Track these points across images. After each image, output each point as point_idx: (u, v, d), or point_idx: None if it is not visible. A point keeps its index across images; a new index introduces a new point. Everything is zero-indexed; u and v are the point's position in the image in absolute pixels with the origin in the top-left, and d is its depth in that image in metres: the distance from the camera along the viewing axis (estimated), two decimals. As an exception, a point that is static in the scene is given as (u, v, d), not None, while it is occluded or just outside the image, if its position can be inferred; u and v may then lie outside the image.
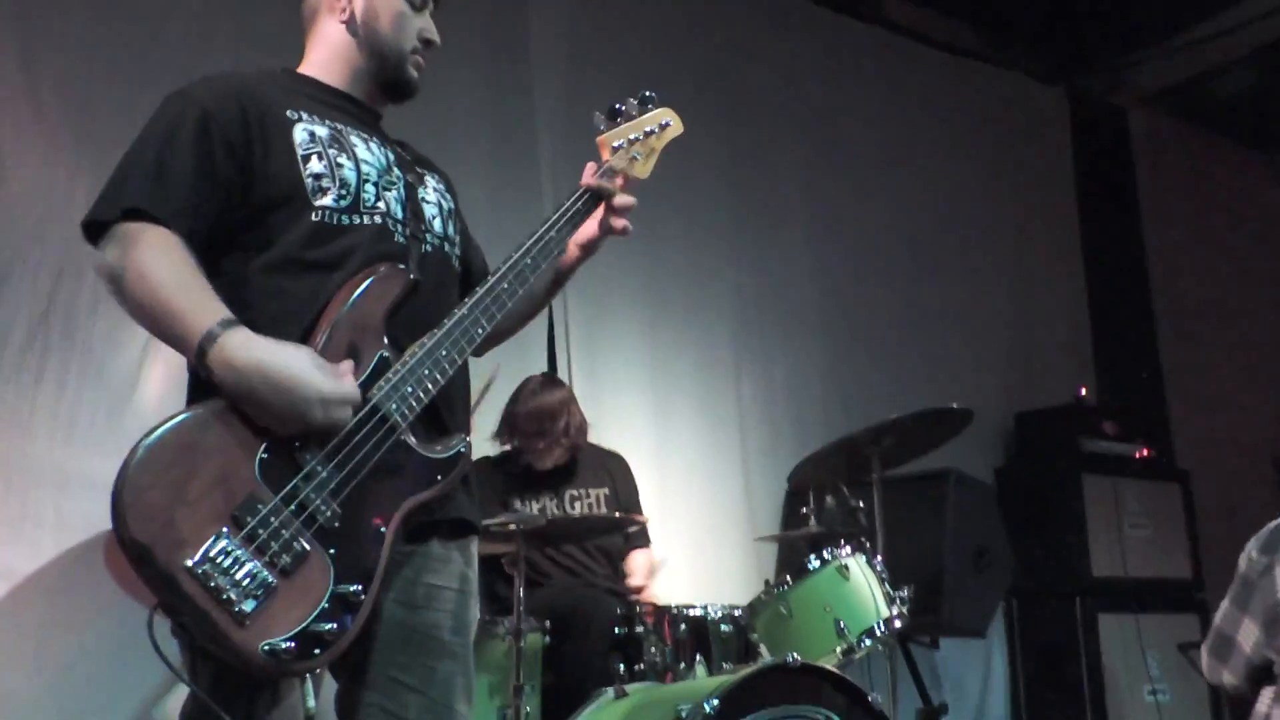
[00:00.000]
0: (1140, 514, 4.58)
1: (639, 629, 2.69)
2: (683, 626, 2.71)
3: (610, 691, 2.46)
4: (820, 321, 4.39)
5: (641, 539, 3.29)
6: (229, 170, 1.50)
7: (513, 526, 2.53)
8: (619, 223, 1.81)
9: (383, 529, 1.45)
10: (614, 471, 3.32)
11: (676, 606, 2.76)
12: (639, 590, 3.18)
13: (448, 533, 1.64)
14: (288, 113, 1.57)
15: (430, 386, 1.52)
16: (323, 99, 1.65)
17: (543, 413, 3.12)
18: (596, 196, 1.80)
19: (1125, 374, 5.30)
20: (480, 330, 1.59)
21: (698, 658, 2.69)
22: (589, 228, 1.83)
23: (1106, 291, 5.47)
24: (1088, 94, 5.73)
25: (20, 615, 2.71)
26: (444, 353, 1.54)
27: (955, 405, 3.22)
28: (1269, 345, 5.75)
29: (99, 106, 3.01)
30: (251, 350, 1.36)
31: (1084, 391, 4.87)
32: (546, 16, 3.90)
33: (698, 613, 2.75)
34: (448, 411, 1.61)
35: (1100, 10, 5.20)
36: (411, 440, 1.51)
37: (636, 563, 3.28)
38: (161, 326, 1.40)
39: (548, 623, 2.69)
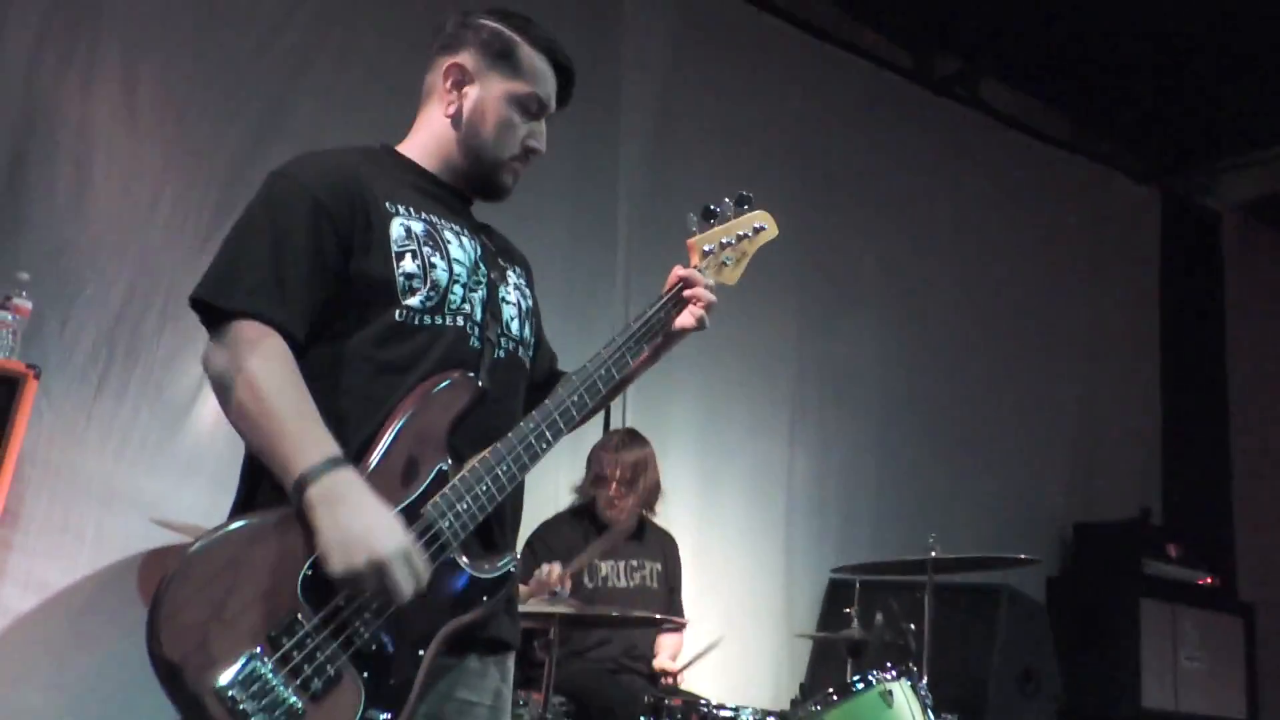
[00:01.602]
0: (1198, 645, 4.38)
1: (667, 720, 2.60)
2: (710, 725, 2.61)
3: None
4: (881, 407, 4.28)
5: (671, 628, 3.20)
6: (338, 262, 1.46)
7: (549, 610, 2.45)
8: (695, 317, 1.70)
9: (421, 652, 1.39)
10: (667, 549, 3.28)
11: (707, 704, 2.66)
12: (668, 673, 3.09)
13: (485, 648, 1.57)
14: (387, 205, 1.52)
15: (487, 504, 1.46)
16: (421, 186, 1.61)
17: (636, 464, 3.12)
18: (677, 299, 1.71)
19: (1194, 495, 5.09)
20: (544, 446, 1.53)
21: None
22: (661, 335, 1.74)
23: (1182, 404, 5.27)
24: (1181, 195, 5.57)
25: (48, 630, 2.70)
26: (504, 469, 1.47)
27: (1022, 555, 3.14)
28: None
29: (193, 124, 3.03)
30: (355, 507, 1.31)
31: (1150, 509, 4.69)
32: (637, 93, 3.88)
33: (728, 714, 2.64)
34: (499, 529, 1.54)
35: (1200, 113, 5.05)
36: (462, 559, 1.44)
37: (667, 643, 3.20)
38: (264, 444, 1.35)
39: (571, 705, 2.62)
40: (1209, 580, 4.53)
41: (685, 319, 1.71)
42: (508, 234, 1.78)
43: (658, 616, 2.83)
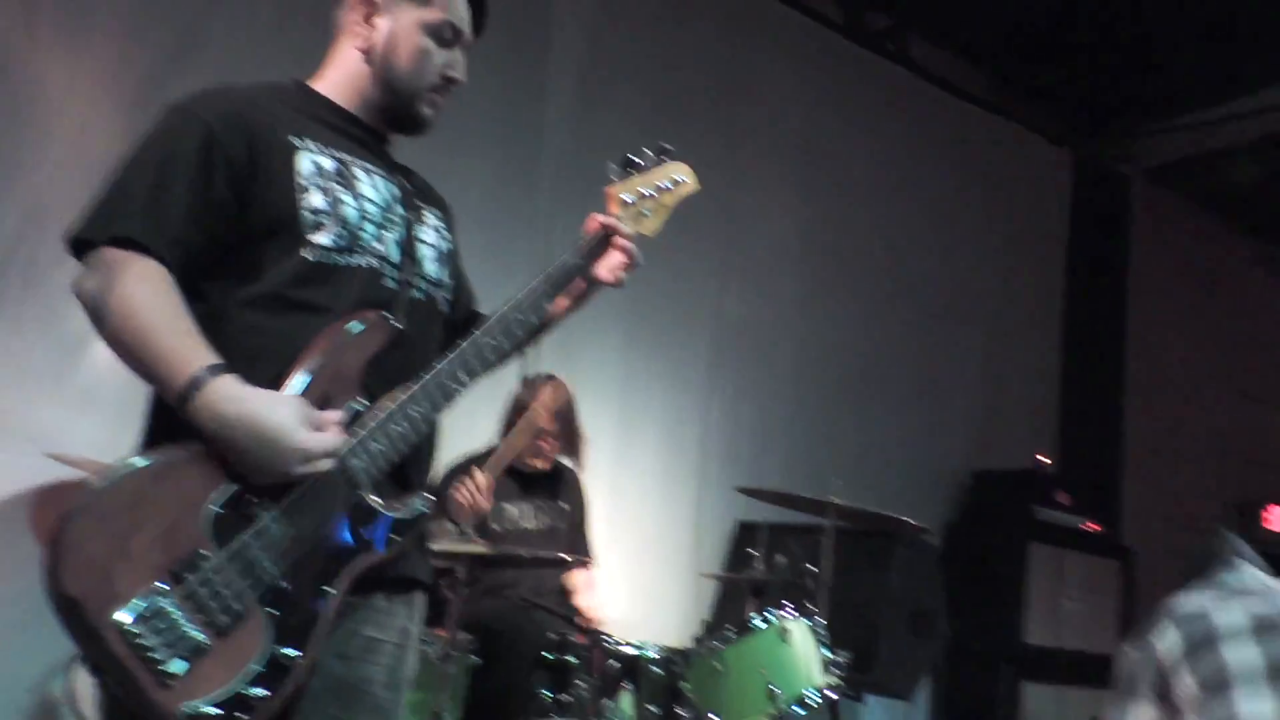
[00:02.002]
0: (1079, 586, 4.63)
1: (570, 657, 2.67)
2: (614, 662, 2.69)
3: (531, 725, 2.44)
4: (795, 358, 4.38)
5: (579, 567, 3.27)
6: (226, 195, 1.44)
7: (457, 550, 2.49)
8: (614, 274, 1.73)
9: (329, 591, 1.41)
10: (574, 490, 3.33)
11: (611, 640, 2.74)
12: (583, 608, 3.16)
13: (394, 587, 1.59)
14: (292, 138, 1.50)
15: (400, 444, 1.47)
16: (332, 123, 1.58)
17: (563, 410, 3.14)
18: (602, 243, 1.73)
19: (1086, 447, 5.34)
20: (458, 387, 1.54)
21: (624, 696, 2.68)
22: (581, 282, 1.77)
23: (1081, 359, 5.50)
24: (1093, 159, 5.74)
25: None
26: (418, 409, 1.49)
27: (911, 521, 3.27)
28: (1230, 434, 5.82)
29: (98, 45, 2.91)
30: (238, 400, 1.32)
31: (1043, 459, 4.91)
32: (564, 39, 3.84)
33: (631, 650, 2.73)
34: (413, 469, 1.56)
35: (1115, 78, 5.20)
36: (373, 498, 1.46)
37: (577, 580, 3.27)
38: (143, 366, 1.34)
39: (478, 643, 2.66)
40: (1094, 526, 4.77)
41: (604, 274, 1.73)
42: (430, 176, 1.77)
43: (565, 556, 2.88)
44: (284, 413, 1.34)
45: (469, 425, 3.24)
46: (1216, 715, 1.81)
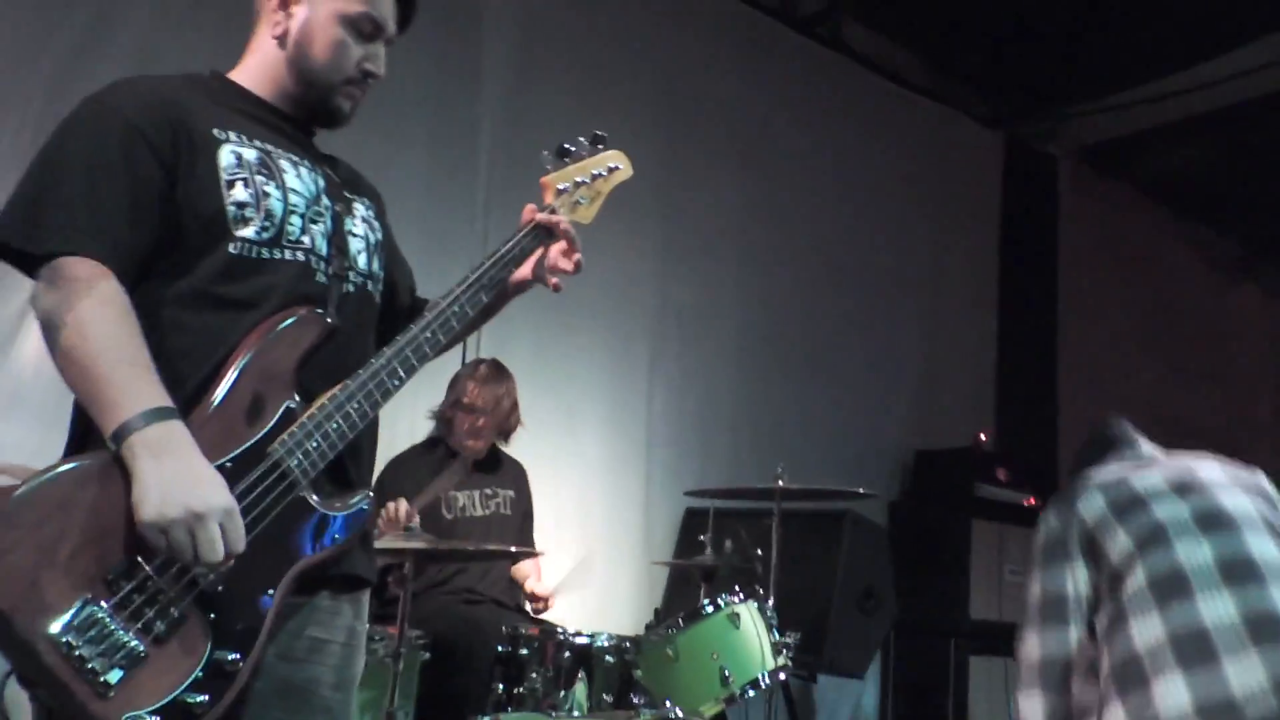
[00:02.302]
0: (1021, 561, 4.73)
1: (523, 651, 2.65)
2: (567, 653, 2.68)
3: (486, 719, 2.42)
4: (738, 344, 4.40)
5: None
6: (155, 193, 1.39)
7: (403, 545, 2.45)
8: (556, 276, 1.73)
9: (270, 592, 1.38)
10: (519, 477, 3.31)
11: (563, 632, 2.73)
12: (538, 597, 3.15)
13: (339, 585, 1.57)
14: (215, 131, 1.46)
15: (338, 441, 1.44)
16: (253, 113, 1.54)
17: (500, 396, 3.12)
18: (543, 235, 1.71)
19: (1023, 424, 5.45)
20: (396, 383, 1.52)
21: (578, 686, 2.67)
22: (522, 270, 1.75)
23: (1016, 338, 5.61)
24: (1023, 140, 5.84)
25: None
26: (355, 406, 1.46)
27: (861, 490, 3.30)
28: (1158, 406, 5.98)
29: (5, 35, 2.80)
30: (165, 460, 1.25)
31: (983, 436, 5.00)
32: (499, 24, 3.81)
33: (584, 640, 2.72)
34: (353, 466, 1.53)
35: (1043, 61, 5.29)
36: (312, 497, 1.43)
37: (526, 568, 3.26)
38: (89, 388, 1.28)
39: (428, 639, 2.64)
40: (1033, 501, 4.87)
41: (554, 263, 1.72)
42: (366, 166, 1.74)
43: (513, 549, 2.86)
44: (217, 500, 1.27)
45: (408, 415, 3.21)
46: (1157, 563, 1.88)
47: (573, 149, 1.81)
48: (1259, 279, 6.48)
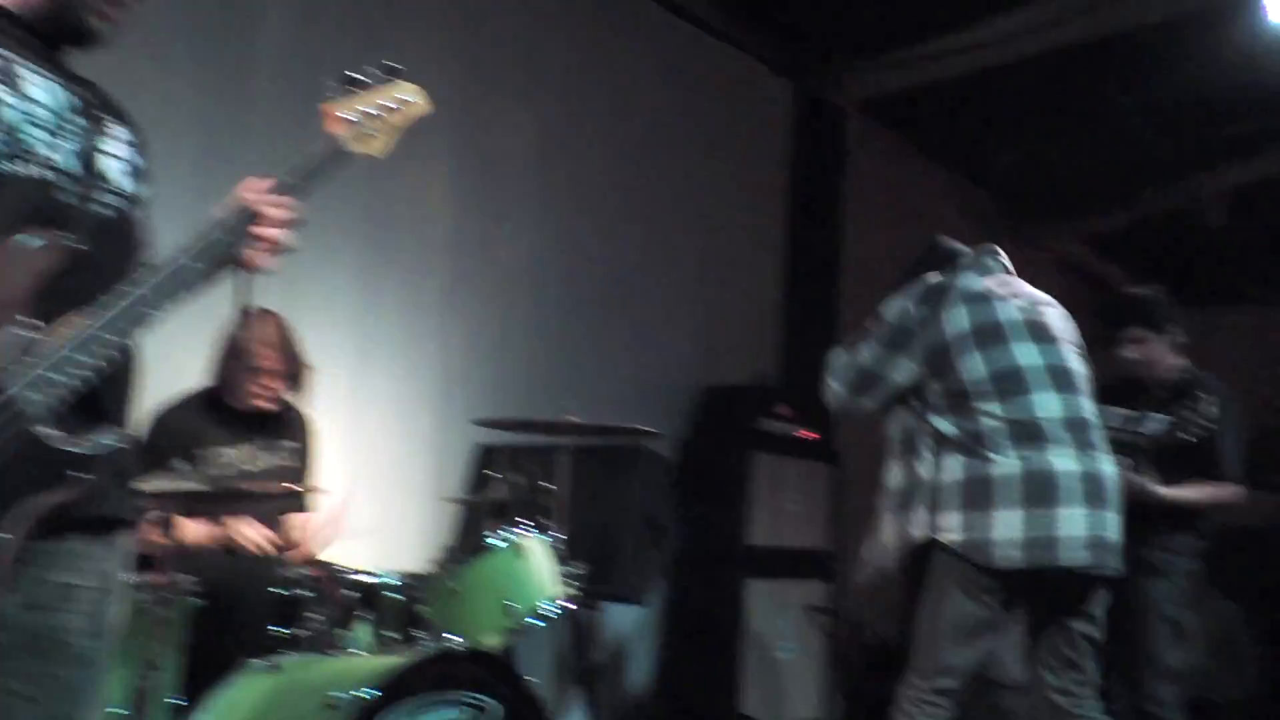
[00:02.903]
0: (797, 490, 5.04)
1: (303, 593, 2.60)
2: (349, 591, 2.65)
3: (262, 664, 2.36)
4: (531, 281, 4.40)
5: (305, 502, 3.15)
6: None
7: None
8: (260, 260, 1.54)
9: (4, 536, 1.29)
10: (302, 427, 3.19)
11: (345, 570, 2.70)
12: (293, 546, 3.05)
13: (90, 528, 1.48)
14: None
15: (82, 373, 1.35)
16: None
17: (276, 348, 2.95)
18: (249, 217, 1.54)
19: (804, 362, 5.74)
20: (153, 312, 1.43)
21: (362, 625, 2.65)
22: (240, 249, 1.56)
23: (801, 280, 5.88)
24: (812, 90, 6.07)
25: None
26: (102, 336, 1.37)
27: (646, 429, 3.38)
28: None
29: None
30: None
31: (767, 373, 5.25)
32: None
33: (367, 578, 2.70)
34: (109, 401, 1.45)
35: (833, 12, 5.48)
36: (49, 432, 1.34)
37: (296, 521, 3.16)
38: None
39: (199, 584, 2.53)
40: (809, 434, 5.18)
41: (256, 258, 1.55)
42: (126, 91, 1.62)
43: (288, 487, 2.78)
44: None
45: (181, 361, 3.02)
46: (1014, 409, 2.55)
47: (362, 78, 1.72)
48: (1016, 234, 7.02)
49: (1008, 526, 2.44)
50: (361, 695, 2.10)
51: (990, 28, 5.30)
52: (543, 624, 2.76)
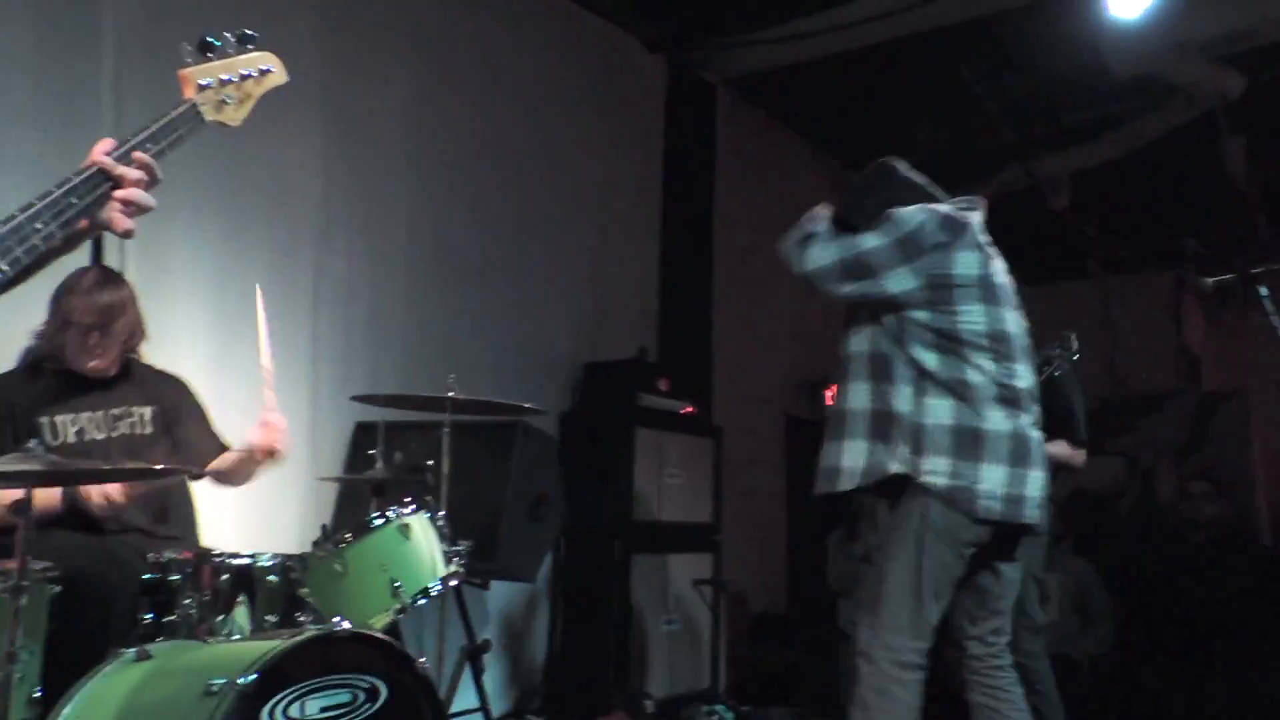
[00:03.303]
0: (678, 464, 5.08)
1: (174, 577, 2.47)
2: (225, 576, 2.53)
3: (131, 653, 2.23)
4: (407, 256, 4.28)
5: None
6: None
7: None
8: (120, 221, 1.49)
9: None
10: (164, 389, 3.01)
11: (219, 553, 2.57)
12: (110, 500, 2.86)
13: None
14: None
15: None
16: None
17: (106, 308, 2.76)
18: (102, 179, 1.49)
19: (682, 337, 5.81)
20: None
21: (238, 609, 2.53)
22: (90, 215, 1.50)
23: (677, 257, 5.92)
24: (685, 67, 6.10)
25: None
26: None
27: (528, 405, 3.35)
28: (791, 324, 6.62)
29: None
30: None
31: (646, 349, 5.27)
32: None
33: (243, 561, 2.58)
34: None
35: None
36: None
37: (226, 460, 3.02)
38: None
39: (60, 573, 2.37)
40: (690, 409, 5.23)
41: (116, 219, 1.50)
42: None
43: (155, 466, 2.62)
44: None
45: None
46: (997, 324, 2.55)
47: (217, 44, 1.68)
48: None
49: (993, 480, 2.43)
50: (243, 681, 2.00)
51: (857, 8, 5.43)
52: (428, 602, 2.70)
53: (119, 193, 1.49)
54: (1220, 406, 7.48)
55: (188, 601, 2.40)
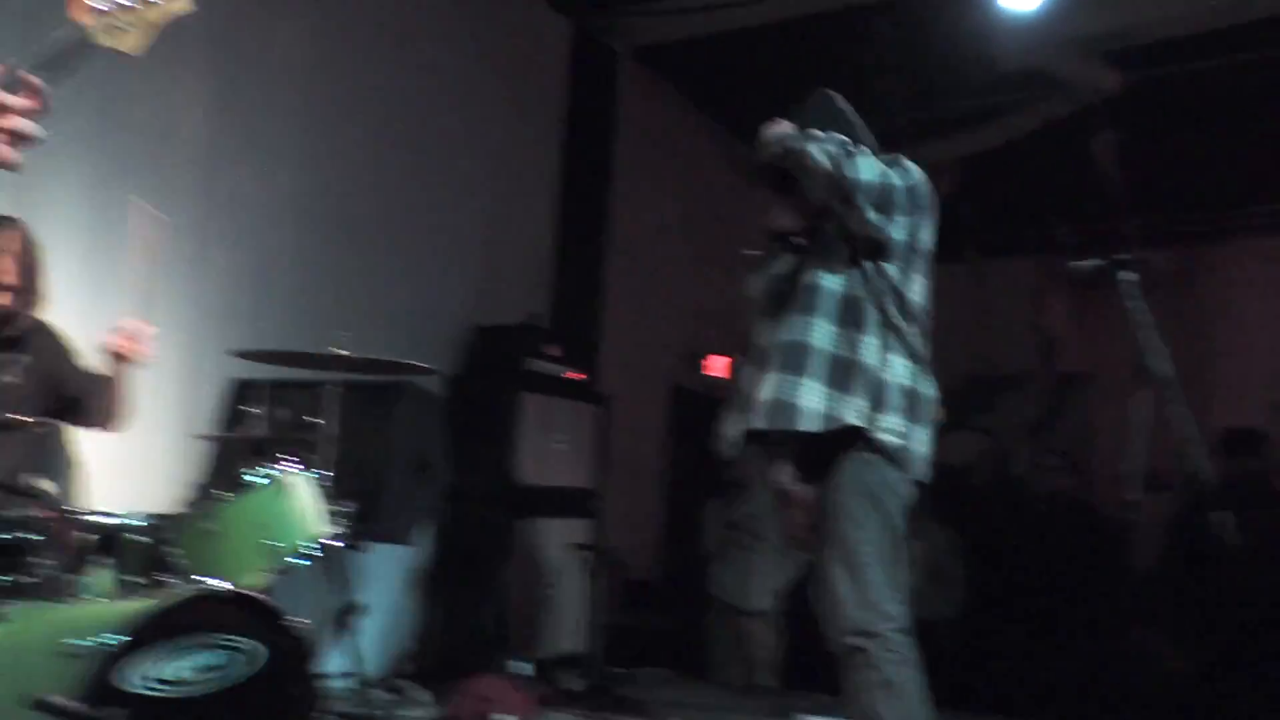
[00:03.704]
0: (565, 430, 5.10)
1: (31, 537, 2.36)
2: (87, 535, 2.44)
3: (-19, 615, 2.13)
4: (297, 209, 4.15)
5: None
6: None
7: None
8: (3, 153, 1.42)
9: None
10: (44, 339, 2.89)
11: (82, 511, 2.47)
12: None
13: None
14: None
15: None
16: None
17: (26, 258, 2.73)
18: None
19: (574, 304, 5.81)
20: None
21: (102, 570, 2.44)
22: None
23: (572, 223, 5.91)
24: (589, 31, 6.05)
25: None
26: None
27: (416, 364, 3.29)
28: (686, 294, 6.69)
29: None
30: None
31: (538, 314, 5.26)
32: None
33: (111, 520, 2.49)
34: None
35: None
36: None
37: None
38: None
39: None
40: (578, 376, 5.25)
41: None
42: None
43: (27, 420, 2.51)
44: None
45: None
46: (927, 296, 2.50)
47: None
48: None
49: (923, 442, 2.45)
50: (104, 641, 1.94)
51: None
52: (306, 564, 2.66)
53: (3, 121, 1.39)
54: (1074, 387, 7.91)
55: (44, 561, 2.31)
